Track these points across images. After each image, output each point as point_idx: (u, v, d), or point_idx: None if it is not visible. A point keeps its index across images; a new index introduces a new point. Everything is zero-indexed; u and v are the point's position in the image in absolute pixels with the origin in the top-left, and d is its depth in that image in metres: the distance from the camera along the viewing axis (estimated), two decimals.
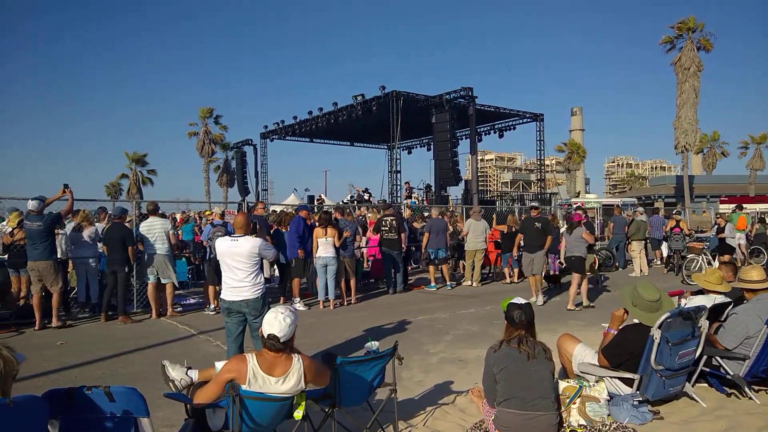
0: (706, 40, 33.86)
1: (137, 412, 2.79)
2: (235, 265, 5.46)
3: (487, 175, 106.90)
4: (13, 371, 2.60)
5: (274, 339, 3.34)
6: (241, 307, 5.47)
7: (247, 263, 5.46)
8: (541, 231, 10.72)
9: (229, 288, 5.52)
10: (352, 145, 38.85)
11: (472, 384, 5.01)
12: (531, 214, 11.35)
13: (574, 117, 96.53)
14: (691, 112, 34.15)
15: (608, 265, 16.48)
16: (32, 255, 8.54)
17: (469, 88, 23.46)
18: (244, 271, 5.46)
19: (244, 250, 5.43)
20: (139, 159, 48.44)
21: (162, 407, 4.50)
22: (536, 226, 10.78)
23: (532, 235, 10.83)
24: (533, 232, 10.81)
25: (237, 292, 5.47)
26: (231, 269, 5.49)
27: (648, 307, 4.49)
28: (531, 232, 10.86)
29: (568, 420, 3.99)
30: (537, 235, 10.72)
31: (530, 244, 10.86)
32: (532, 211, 11.38)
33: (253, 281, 5.50)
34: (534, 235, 10.76)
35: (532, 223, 10.95)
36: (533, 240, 10.78)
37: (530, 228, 10.90)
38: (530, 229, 10.90)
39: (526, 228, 11.11)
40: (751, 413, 4.38)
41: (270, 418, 3.45)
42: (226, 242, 5.56)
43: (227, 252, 5.48)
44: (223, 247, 5.52)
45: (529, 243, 10.90)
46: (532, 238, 10.81)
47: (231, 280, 5.51)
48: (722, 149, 51.13)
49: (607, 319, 4.79)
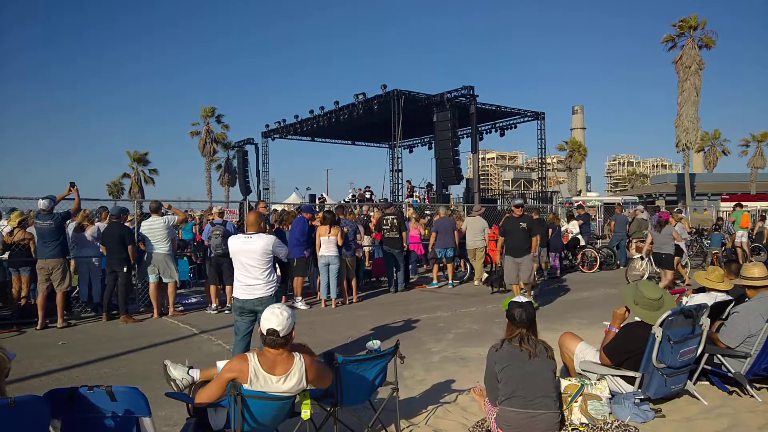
0: (708, 38, 33.79)
1: (139, 411, 2.80)
2: (249, 262, 5.44)
3: (488, 174, 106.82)
4: (4, 369, 2.61)
5: (274, 334, 3.35)
6: (255, 305, 5.44)
7: (261, 260, 5.45)
8: (526, 232, 9.75)
9: (243, 286, 5.49)
10: (353, 144, 38.86)
11: (473, 382, 5.01)
12: (513, 213, 10.11)
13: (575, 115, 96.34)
14: (692, 110, 34.09)
15: (609, 264, 16.48)
16: (43, 253, 8.59)
17: (471, 87, 23.46)
18: (258, 268, 5.44)
19: (258, 247, 5.42)
20: (141, 158, 48.45)
21: (164, 406, 4.51)
22: (521, 227, 9.74)
23: (517, 237, 9.76)
24: (518, 233, 9.75)
25: (251, 290, 5.45)
26: (245, 267, 5.47)
27: (650, 305, 4.49)
28: (515, 233, 9.78)
29: (569, 418, 3.99)
30: (522, 236, 9.71)
31: (515, 247, 9.79)
32: (514, 210, 10.11)
33: (267, 279, 5.49)
34: (519, 236, 9.73)
35: (515, 223, 9.84)
36: (518, 242, 9.74)
37: (514, 229, 9.82)
38: (514, 230, 9.81)
39: (509, 229, 9.97)
40: (752, 411, 4.37)
41: (272, 417, 3.46)
42: (239, 240, 5.54)
43: (241, 250, 5.46)
44: (237, 245, 5.51)
45: (514, 246, 9.82)
46: (517, 240, 9.76)
47: (245, 278, 5.49)
48: (723, 147, 51.10)
49: (609, 317, 4.79)
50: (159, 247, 9.47)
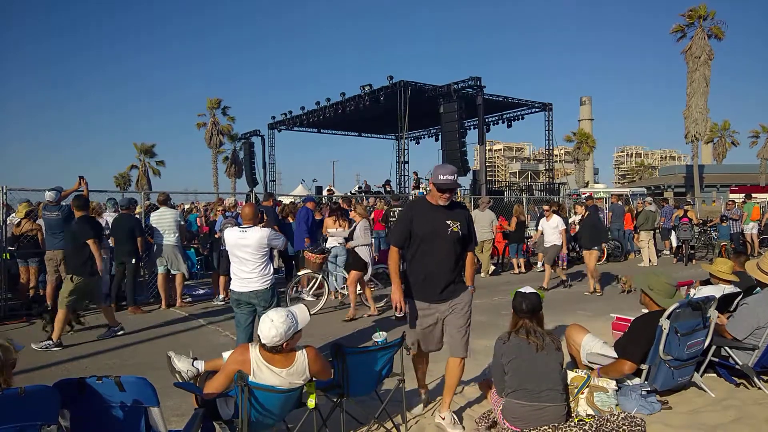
0: (717, 29, 33.54)
1: (147, 401, 2.81)
2: (244, 256, 5.46)
3: (495, 166, 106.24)
4: (11, 360, 2.63)
5: (272, 345, 3.32)
6: (250, 298, 5.49)
7: (256, 254, 5.47)
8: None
9: (239, 279, 5.53)
10: (359, 136, 38.73)
11: (480, 374, 5.01)
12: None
13: (583, 106, 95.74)
14: (702, 101, 33.89)
15: (617, 256, 16.43)
16: (51, 244, 8.68)
17: (477, 78, 23.30)
18: (253, 262, 5.47)
19: (253, 241, 5.43)
20: (148, 150, 48.67)
21: (172, 396, 4.54)
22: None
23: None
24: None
25: (246, 283, 5.48)
26: (240, 260, 5.50)
27: (668, 291, 4.46)
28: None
29: (576, 410, 4.00)
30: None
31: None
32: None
33: (262, 272, 5.50)
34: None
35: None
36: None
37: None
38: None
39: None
40: (759, 403, 4.36)
41: (279, 408, 3.47)
42: (234, 233, 5.56)
43: (236, 243, 5.48)
44: (232, 238, 5.52)
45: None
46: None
47: (240, 271, 5.52)
48: (732, 138, 50.83)
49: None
50: (167, 239, 9.51)
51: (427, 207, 4.29)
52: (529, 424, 3.72)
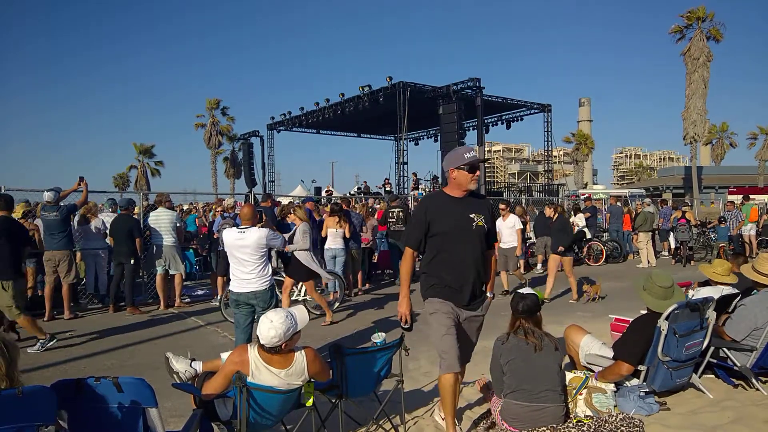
0: (716, 30, 33.57)
1: (145, 402, 2.80)
2: (243, 257, 5.46)
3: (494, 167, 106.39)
4: (16, 358, 2.63)
5: (270, 346, 3.32)
6: (249, 298, 5.49)
7: (254, 255, 5.46)
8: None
9: (238, 280, 5.53)
10: (359, 137, 38.77)
11: (479, 375, 5.01)
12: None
13: (582, 108, 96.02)
14: (700, 103, 33.93)
15: (615, 256, 16.44)
16: (50, 245, 8.66)
17: (477, 79, 23.32)
18: (251, 263, 5.46)
19: (251, 241, 5.43)
20: (147, 150, 48.59)
21: (170, 397, 4.54)
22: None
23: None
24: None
25: (245, 284, 5.48)
26: (239, 261, 5.50)
27: (659, 293, 4.46)
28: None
29: (574, 411, 4.00)
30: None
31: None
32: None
33: (261, 273, 5.50)
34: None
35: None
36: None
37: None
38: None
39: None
40: (757, 404, 4.36)
41: (278, 409, 3.47)
42: (232, 234, 5.55)
43: (234, 244, 5.48)
44: (230, 239, 5.51)
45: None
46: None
47: (239, 272, 5.52)
48: (731, 140, 50.80)
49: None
50: (166, 239, 9.51)
51: (446, 200, 3.84)
52: (527, 425, 3.72)
